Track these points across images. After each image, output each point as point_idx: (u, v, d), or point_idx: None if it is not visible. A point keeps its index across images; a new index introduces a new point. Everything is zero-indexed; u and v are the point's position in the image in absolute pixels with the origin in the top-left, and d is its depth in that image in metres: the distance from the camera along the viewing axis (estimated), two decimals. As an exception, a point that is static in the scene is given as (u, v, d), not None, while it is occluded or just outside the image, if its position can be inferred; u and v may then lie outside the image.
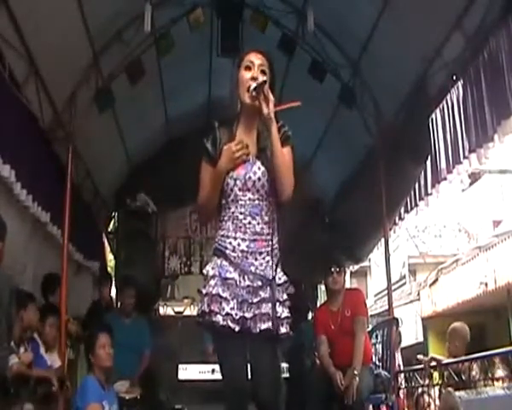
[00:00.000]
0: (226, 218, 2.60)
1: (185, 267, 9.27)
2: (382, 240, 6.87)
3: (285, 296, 2.57)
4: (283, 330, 2.51)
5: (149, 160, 8.69)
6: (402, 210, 6.69)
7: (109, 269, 9.12)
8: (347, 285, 6.11)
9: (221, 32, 6.11)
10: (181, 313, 8.67)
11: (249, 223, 2.55)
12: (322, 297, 9.18)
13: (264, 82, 2.51)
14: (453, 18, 4.82)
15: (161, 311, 8.76)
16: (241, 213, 2.56)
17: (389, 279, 6.45)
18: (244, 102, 2.59)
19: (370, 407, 4.77)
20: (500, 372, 4.58)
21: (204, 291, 2.54)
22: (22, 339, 4.06)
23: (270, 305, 2.49)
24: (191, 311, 8.39)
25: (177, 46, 5.85)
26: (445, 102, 5.38)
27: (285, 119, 2.73)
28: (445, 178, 5.51)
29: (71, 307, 5.47)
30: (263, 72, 2.59)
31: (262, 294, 2.51)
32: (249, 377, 2.55)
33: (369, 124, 6.34)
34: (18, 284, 4.59)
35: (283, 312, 2.53)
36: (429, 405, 5.40)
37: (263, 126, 2.61)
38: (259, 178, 2.58)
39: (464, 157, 5.05)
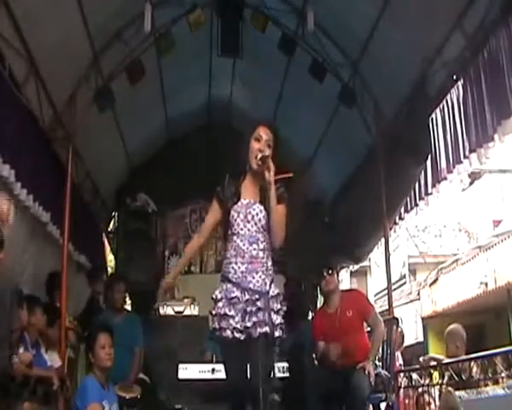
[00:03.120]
0: (229, 247, 3.25)
1: (185, 267, 9.26)
2: (382, 240, 6.87)
3: (278, 306, 3.17)
4: (277, 333, 3.11)
5: (149, 160, 8.70)
6: (402, 210, 6.68)
7: (109, 269, 9.12)
8: (347, 285, 6.12)
9: (221, 32, 6.11)
10: (181, 312, 8.66)
11: (247, 248, 3.19)
12: (321, 297, 9.17)
13: (267, 156, 3.17)
14: (453, 18, 4.81)
15: (161, 311, 8.74)
16: (241, 241, 3.20)
17: (389, 279, 6.45)
18: (251, 166, 3.26)
19: (370, 406, 4.77)
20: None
21: (214, 312, 3.17)
22: (21, 339, 4.06)
23: (265, 313, 3.07)
24: (191, 311, 8.38)
25: (177, 46, 5.84)
26: (445, 101, 5.37)
27: (285, 118, 2.87)
28: (445, 178, 5.50)
29: (71, 306, 5.47)
30: (269, 145, 3.24)
31: (259, 304, 3.10)
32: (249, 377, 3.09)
33: (369, 124, 6.34)
34: (18, 284, 4.60)
35: (277, 319, 3.14)
36: (429, 404, 5.40)
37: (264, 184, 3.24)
38: (257, 214, 3.23)
39: (464, 157, 5.04)
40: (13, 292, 3.66)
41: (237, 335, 3.08)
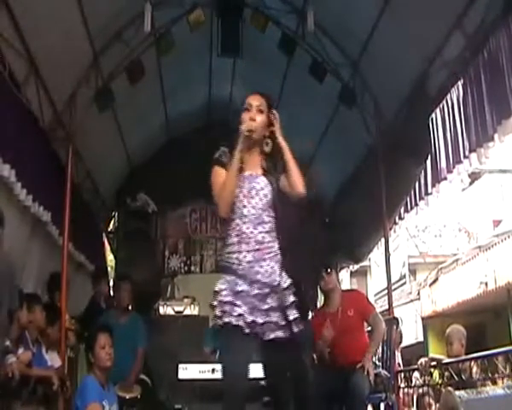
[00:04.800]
0: (231, 231, 2.88)
1: (185, 267, 9.27)
2: (382, 240, 6.87)
3: (291, 299, 2.86)
4: (295, 329, 2.80)
5: (149, 160, 8.70)
6: (402, 210, 6.68)
7: (109, 269, 9.12)
8: (347, 285, 6.13)
9: (221, 32, 6.11)
10: (181, 312, 8.66)
11: (252, 233, 2.84)
12: (321, 297, 9.17)
13: (250, 131, 2.89)
14: (453, 17, 4.82)
15: (161, 310, 8.74)
16: (244, 224, 2.85)
17: (389, 279, 6.45)
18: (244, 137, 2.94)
19: (370, 406, 4.77)
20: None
21: (215, 302, 2.78)
22: (20, 339, 4.05)
23: (278, 313, 2.79)
24: (191, 310, 8.38)
25: (177, 46, 5.84)
26: (445, 101, 5.38)
27: (285, 118, 2.89)
28: (445, 178, 5.51)
29: (70, 306, 5.47)
30: (260, 110, 2.97)
31: (270, 301, 2.79)
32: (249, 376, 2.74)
33: (369, 124, 6.34)
34: (19, 283, 4.60)
35: (291, 314, 2.82)
36: (430, 405, 5.40)
37: (265, 156, 3.00)
38: (262, 188, 2.92)
39: (464, 157, 5.05)
40: (12, 290, 3.65)
41: (242, 324, 2.69)
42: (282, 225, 2.97)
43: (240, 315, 2.69)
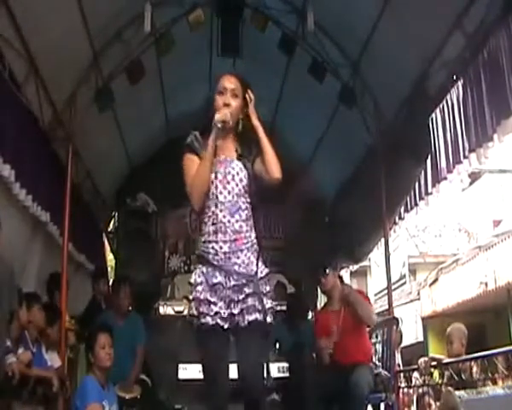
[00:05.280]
0: (206, 219, 2.77)
1: (185, 266, 9.25)
2: (382, 240, 6.87)
3: (268, 288, 2.76)
4: (269, 319, 2.68)
5: (149, 160, 8.69)
6: (402, 210, 6.68)
7: (109, 269, 9.12)
8: (351, 285, 6.13)
9: (221, 32, 6.11)
10: (181, 312, 8.65)
11: (228, 221, 2.73)
12: (321, 297, 9.17)
13: (224, 121, 2.79)
14: (453, 17, 4.81)
15: (161, 310, 8.74)
16: (220, 212, 2.73)
17: (389, 279, 6.45)
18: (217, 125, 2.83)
19: (370, 407, 4.77)
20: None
21: (191, 297, 2.71)
22: (19, 338, 4.05)
23: (255, 297, 2.66)
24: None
25: (177, 46, 5.84)
26: (445, 101, 5.37)
27: (285, 118, 2.85)
28: (445, 178, 5.51)
29: (70, 306, 5.46)
30: (235, 95, 2.87)
31: (247, 290, 2.68)
32: (230, 376, 2.70)
33: (369, 124, 6.34)
34: (19, 283, 4.59)
35: (267, 303, 2.70)
36: (430, 405, 5.39)
37: (241, 138, 2.90)
38: (238, 173, 2.81)
39: (464, 157, 5.05)
40: (12, 290, 3.65)
41: (220, 322, 2.64)
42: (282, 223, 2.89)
43: (216, 313, 2.64)
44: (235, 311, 2.65)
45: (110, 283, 6.98)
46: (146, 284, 7.67)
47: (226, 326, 2.64)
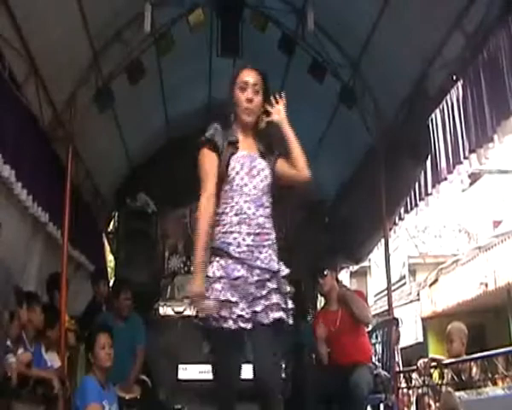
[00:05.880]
0: (228, 209, 2.61)
1: (185, 267, 9.25)
2: (382, 240, 6.86)
3: (288, 288, 2.62)
4: (290, 321, 2.56)
5: (149, 160, 8.69)
6: (402, 210, 6.68)
7: (109, 269, 9.11)
8: (347, 286, 6.14)
9: (221, 32, 6.10)
10: (181, 313, 8.65)
11: (253, 213, 2.58)
12: (321, 298, 9.17)
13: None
14: (453, 17, 4.81)
15: (161, 311, 8.74)
16: (245, 203, 2.59)
17: (389, 279, 6.44)
18: (242, 120, 2.79)
19: (369, 407, 4.77)
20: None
21: (211, 297, 2.48)
22: (19, 338, 4.05)
23: (278, 295, 2.53)
24: (191, 311, 8.35)
25: (177, 46, 5.84)
26: (444, 102, 5.38)
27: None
28: (445, 179, 5.51)
29: (69, 306, 5.46)
30: (256, 91, 2.79)
31: (270, 285, 2.53)
32: (243, 376, 2.58)
33: (369, 124, 6.34)
34: (19, 282, 4.59)
35: (289, 303, 2.59)
36: (429, 406, 5.39)
37: (261, 135, 2.83)
38: (263, 169, 2.71)
39: (464, 157, 5.05)
40: (11, 289, 3.65)
41: (243, 325, 2.45)
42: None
43: (239, 316, 2.45)
44: (258, 308, 2.48)
45: (110, 283, 6.98)
46: (146, 284, 7.67)
47: (249, 327, 2.46)
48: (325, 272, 4.77)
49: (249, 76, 2.81)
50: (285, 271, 2.63)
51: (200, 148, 2.73)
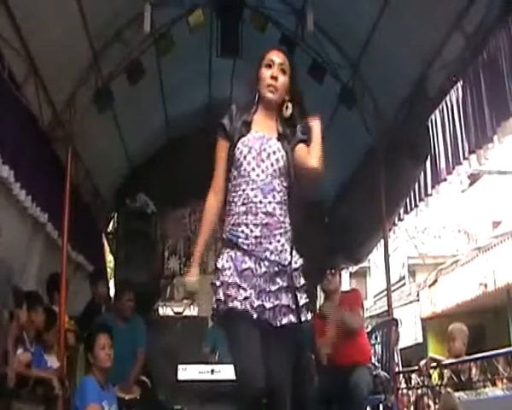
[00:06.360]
0: (236, 199, 2.53)
1: (185, 267, 9.25)
2: (382, 241, 6.86)
3: (302, 281, 2.53)
4: (303, 317, 2.48)
5: (149, 160, 8.69)
6: (401, 211, 6.68)
7: (109, 270, 9.11)
8: (347, 286, 6.14)
9: (221, 33, 6.10)
10: (180, 313, 8.66)
11: (260, 202, 2.49)
12: (321, 297, 9.17)
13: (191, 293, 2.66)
14: (453, 18, 4.82)
15: (161, 311, 8.75)
16: (252, 191, 2.50)
17: (388, 280, 6.44)
18: (264, 97, 2.68)
19: (369, 408, 4.76)
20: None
21: (218, 282, 2.44)
22: (19, 339, 4.05)
23: (289, 295, 2.44)
24: (191, 311, 8.37)
25: (176, 46, 5.84)
26: (444, 102, 5.38)
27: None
28: (445, 179, 5.51)
29: (69, 307, 5.46)
30: (283, 70, 2.71)
31: (279, 281, 2.45)
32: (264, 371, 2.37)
33: (368, 124, 6.34)
34: (19, 282, 4.59)
35: (301, 298, 2.49)
36: (429, 406, 5.39)
37: (282, 116, 2.71)
38: (275, 152, 2.58)
39: (464, 158, 5.05)
40: (10, 289, 3.65)
41: (250, 309, 2.35)
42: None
43: (246, 298, 2.36)
44: (267, 304, 2.40)
45: (110, 284, 6.99)
46: (145, 284, 7.67)
47: (255, 316, 2.36)
48: (333, 270, 4.75)
49: (276, 55, 2.77)
50: (298, 262, 2.54)
51: (217, 135, 2.72)
